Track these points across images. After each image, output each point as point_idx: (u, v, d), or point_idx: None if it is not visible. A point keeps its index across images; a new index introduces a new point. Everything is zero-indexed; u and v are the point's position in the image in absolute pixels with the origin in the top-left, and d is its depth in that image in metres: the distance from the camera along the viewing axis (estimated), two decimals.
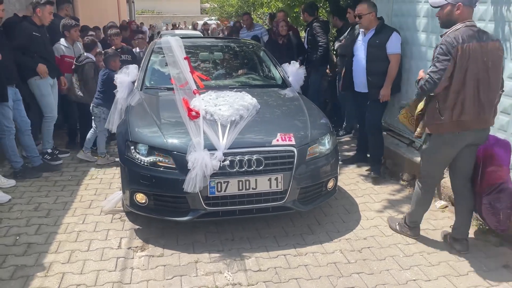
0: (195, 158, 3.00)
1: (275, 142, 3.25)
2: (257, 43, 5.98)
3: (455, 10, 2.80)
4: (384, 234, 3.47)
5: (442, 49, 2.78)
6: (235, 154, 3.13)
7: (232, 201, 3.16)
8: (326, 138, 3.54)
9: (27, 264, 2.99)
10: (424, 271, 2.98)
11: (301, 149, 3.29)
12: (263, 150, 3.20)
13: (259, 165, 3.14)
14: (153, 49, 4.88)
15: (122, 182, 3.38)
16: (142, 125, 3.44)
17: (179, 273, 2.92)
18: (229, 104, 3.52)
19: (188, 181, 3.00)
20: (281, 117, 3.74)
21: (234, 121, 3.37)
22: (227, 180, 3.09)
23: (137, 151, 3.23)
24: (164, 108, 3.80)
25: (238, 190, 3.12)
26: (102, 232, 3.44)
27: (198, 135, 3.18)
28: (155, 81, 4.51)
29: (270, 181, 3.16)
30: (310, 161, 3.34)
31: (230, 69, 5.09)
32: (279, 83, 4.74)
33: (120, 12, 16.35)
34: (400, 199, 4.15)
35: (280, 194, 3.23)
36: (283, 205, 3.26)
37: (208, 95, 3.77)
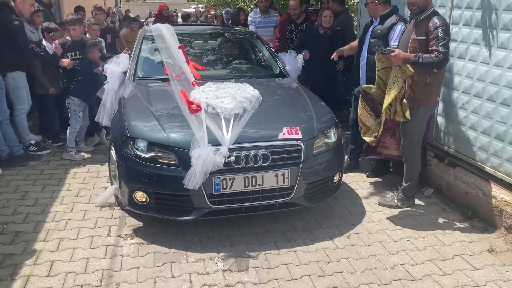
0: (199, 154, 2.84)
1: (281, 136, 3.10)
2: (252, 31, 5.77)
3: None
4: (371, 220, 3.49)
5: (443, 29, 3.15)
6: (241, 149, 2.98)
7: (237, 198, 3.02)
8: (332, 131, 3.41)
9: (15, 252, 2.96)
10: (411, 255, 3.02)
11: (308, 143, 3.16)
12: (270, 145, 3.05)
13: (265, 160, 3.00)
14: (144, 37, 4.64)
15: (119, 179, 3.19)
16: (140, 119, 3.25)
17: (169, 260, 2.90)
18: (231, 96, 3.35)
19: (189, 177, 2.85)
20: (285, 109, 3.60)
21: (237, 114, 3.21)
22: (232, 177, 2.94)
23: (135, 147, 3.05)
24: (161, 101, 3.60)
25: (244, 187, 2.98)
26: (91, 221, 3.41)
27: (201, 129, 3.01)
28: (148, 72, 4.30)
29: (277, 176, 3.03)
30: (317, 155, 3.21)
31: (225, 58, 4.90)
32: (277, 73, 4.58)
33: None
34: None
35: (287, 190, 3.10)
36: (290, 201, 3.14)
37: (207, 86, 3.59)
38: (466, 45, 3.63)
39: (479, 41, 3.50)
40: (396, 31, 3.87)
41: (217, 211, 3.03)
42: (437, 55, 3.13)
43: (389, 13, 3.99)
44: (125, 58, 4.41)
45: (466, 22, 3.63)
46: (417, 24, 3.33)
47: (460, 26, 3.67)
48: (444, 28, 3.15)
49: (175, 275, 2.75)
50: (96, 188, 4.03)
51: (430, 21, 3.22)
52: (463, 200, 3.68)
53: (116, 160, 3.19)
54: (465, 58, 3.65)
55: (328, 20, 5.17)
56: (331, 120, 3.51)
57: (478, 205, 3.51)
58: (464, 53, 3.66)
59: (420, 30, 3.27)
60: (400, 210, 3.66)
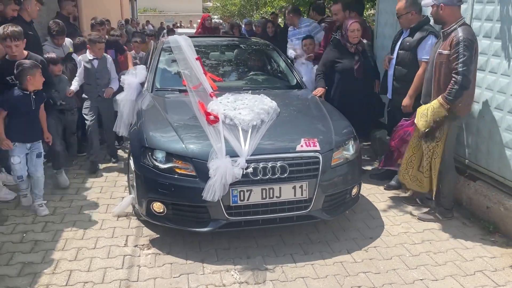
0: (217, 166, 2.84)
1: (299, 148, 3.09)
2: (268, 42, 5.80)
3: (439, 9, 3.29)
4: (390, 233, 3.44)
5: (465, 45, 3.14)
6: (258, 161, 2.98)
7: (255, 210, 3.01)
8: (350, 143, 3.39)
9: (34, 261, 2.99)
10: (431, 270, 2.96)
11: (326, 155, 3.14)
12: (287, 157, 3.04)
13: (283, 172, 2.99)
14: (162, 49, 4.70)
15: (137, 190, 3.21)
16: (158, 130, 3.27)
17: (186, 271, 2.90)
18: (249, 108, 3.36)
19: (208, 189, 2.85)
20: (302, 121, 3.59)
21: (255, 125, 3.21)
22: (250, 189, 2.94)
23: (154, 158, 3.07)
24: (179, 112, 3.63)
25: (262, 198, 2.97)
26: (108, 230, 3.44)
27: (219, 140, 3.02)
28: (166, 83, 4.34)
29: (294, 189, 3.01)
30: (335, 167, 3.18)
31: (242, 69, 4.93)
32: (293, 84, 4.58)
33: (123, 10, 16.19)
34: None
35: (305, 203, 3.07)
36: (308, 214, 3.11)
37: (225, 98, 3.61)
38: (486, 57, 3.59)
39: (499, 53, 3.45)
40: (427, 45, 3.80)
41: (234, 223, 3.02)
42: (455, 80, 3.16)
43: (419, 25, 3.90)
44: (142, 69, 4.47)
45: (486, 34, 3.59)
46: (444, 37, 3.32)
47: (480, 38, 3.62)
48: (465, 44, 3.12)
49: (192, 286, 2.74)
50: (113, 198, 4.06)
51: (454, 34, 3.20)
52: (484, 214, 3.60)
53: (134, 171, 3.22)
54: (485, 70, 3.60)
55: (356, 35, 4.41)
56: (349, 133, 3.48)
57: (499, 219, 3.43)
58: (484, 65, 3.61)
59: (446, 44, 3.26)
60: (419, 224, 3.60)
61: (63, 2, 6.04)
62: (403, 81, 3.99)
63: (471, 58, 3.15)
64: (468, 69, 3.14)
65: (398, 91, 4.08)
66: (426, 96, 3.53)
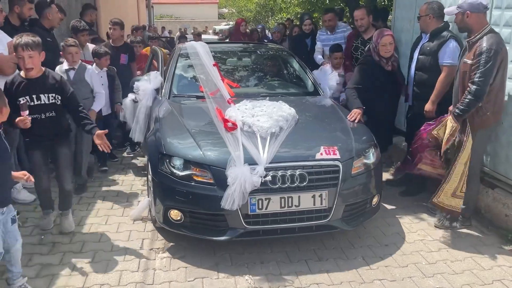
0: (235, 174, 2.80)
1: (319, 156, 3.03)
2: (283, 48, 5.75)
3: (465, 17, 3.20)
4: (406, 241, 3.39)
5: (487, 55, 3.05)
6: (277, 169, 2.92)
7: (273, 219, 2.95)
8: (370, 151, 3.31)
9: (52, 263, 3.02)
10: (448, 279, 2.91)
11: (347, 163, 3.07)
12: (307, 165, 2.98)
13: (302, 180, 2.93)
14: (179, 55, 4.70)
15: (154, 197, 3.19)
16: (176, 136, 3.25)
17: (201, 275, 2.90)
18: (267, 115, 3.31)
19: (226, 198, 2.81)
20: (321, 128, 3.53)
21: (274, 133, 3.16)
22: (268, 197, 2.88)
23: (171, 165, 3.04)
24: (197, 118, 3.61)
25: (280, 207, 2.91)
26: (124, 233, 3.46)
27: (237, 148, 2.98)
28: (183, 89, 4.32)
29: (314, 198, 2.95)
30: (355, 176, 3.11)
31: (259, 75, 4.89)
32: (311, 91, 4.52)
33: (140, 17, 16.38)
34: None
35: (324, 212, 3.01)
36: (328, 224, 3.04)
37: (243, 104, 3.57)
38: None
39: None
40: (448, 49, 3.73)
41: (252, 232, 2.97)
42: (469, 89, 3.11)
43: (439, 30, 3.83)
44: (157, 75, 4.46)
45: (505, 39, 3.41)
46: (469, 47, 3.24)
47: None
48: (488, 54, 3.04)
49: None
50: (129, 201, 4.09)
51: (479, 44, 3.12)
52: (502, 222, 3.50)
53: (152, 178, 3.20)
54: None
55: (389, 50, 3.93)
56: (370, 140, 3.41)
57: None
58: None
59: (470, 53, 3.19)
60: (436, 231, 3.55)
61: (87, 10, 6.15)
62: (424, 87, 3.91)
63: (492, 69, 3.07)
64: (485, 81, 3.07)
65: (419, 96, 3.99)
66: (456, 104, 3.42)
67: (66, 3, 6.74)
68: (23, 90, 3.08)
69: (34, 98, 3.12)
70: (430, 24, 3.88)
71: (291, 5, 14.87)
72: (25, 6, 4.22)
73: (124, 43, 5.81)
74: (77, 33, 5.03)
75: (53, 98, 3.18)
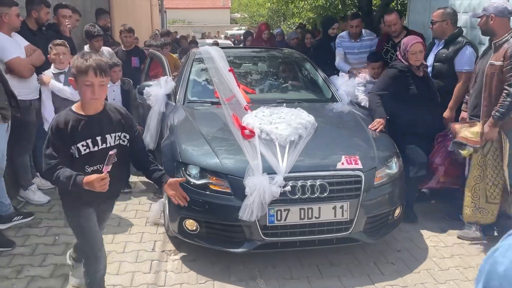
0: (253, 184, 2.70)
1: (340, 165, 2.91)
2: (300, 53, 5.63)
3: (489, 20, 3.16)
4: (418, 246, 3.35)
5: None
6: (297, 178, 2.82)
7: (292, 231, 2.84)
8: (393, 160, 3.19)
9: (66, 263, 2.97)
10: (461, 286, 2.86)
11: (369, 174, 2.95)
12: (327, 175, 2.87)
13: (323, 191, 2.82)
14: (194, 59, 4.62)
15: (169, 206, 3.10)
16: (192, 144, 3.16)
17: (212, 277, 2.90)
18: (286, 122, 3.21)
19: (244, 208, 2.71)
20: (341, 136, 3.42)
21: (293, 141, 3.05)
22: (287, 208, 2.78)
23: (187, 173, 2.95)
24: (213, 125, 3.52)
25: (300, 219, 2.80)
26: (137, 235, 3.49)
27: (256, 157, 2.88)
28: (198, 94, 4.24)
29: (334, 209, 2.83)
30: (378, 187, 2.99)
31: (275, 81, 4.79)
32: (328, 97, 4.40)
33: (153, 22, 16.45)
34: None
35: (345, 224, 2.89)
36: (349, 237, 2.92)
37: (260, 111, 3.47)
38: None
39: None
40: (465, 55, 3.66)
41: (270, 244, 2.86)
42: (507, 92, 3.03)
43: (454, 36, 3.76)
44: (168, 80, 4.37)
45: None
46: (495, 48, 3.16)
47: None
48: None
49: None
50: (142, 204, 4.07)
51: (508, 45, 3.05)
52: None
53: None
54: None
55: (419, 58, 3.58)
56: (392, 149, 3.28)
57: None
58: None
59: (498, 55, 3.11)
60: (449, 237, 3.49)
61: (101, 14, 6.14)
62: (441, 94, 3.78)
63: None
64: None
65: None
66: (475, 108, 3.38)
67: (81, 7, 6.74)
68: (83, 132, 2.16)
69: (98, 141, 2.20)
70: (447, 30, 3.80)
71: (303, 10, 14.82)
72: (42, 10, 4.22)
73: (134, 47, 5.78)
74: (91, 38, 4.97)
75: (118, 138, 2.28)
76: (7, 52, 3.55)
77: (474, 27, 4.36)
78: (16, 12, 3.63)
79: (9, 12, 3.55)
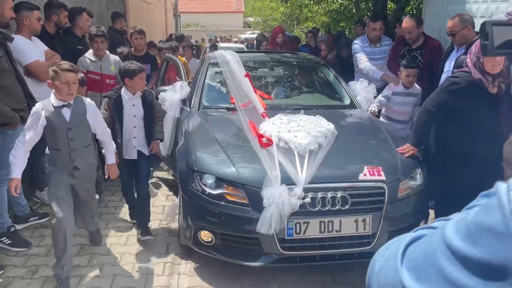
0: (272, 195, 2.58)
1: (362, 176, 2.78)
2: (317, 58, 5.51)
3: None
4: None
5: None
6: (317, 190, 2.69)
7: (311, 245, 2.72)
8: (417, 172, 3.04)
9: (80, 264, 3.08)
10: None
11: (392, 185, 2.81)
12: (349, 186, 2.74)
13: (344, 203, 2.69)
14: (209, 64, 4.53)
15: (183, 215, 3.00)
16: (208, 152, 3.06)
17: (225, 282, 2.89)
18: (305, 130, 3.09)
19: (262, 221, 2.59)
20: (363, 145, 3.28)
21: (312, 150, 2.93)
22: (307, 221, 2.65)
23: (203, 182, 2.85)
24: (229, 132, 3.42)
25: (320, 232, 2.68)
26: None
27: (274, 167, 2.76)
28: (213, 100, 4.15)
29: (356, 222, 2.70)
30: (401, 199, 2.85)
31: (292, 87, 4.68)
32: (347, 103, 4.27)
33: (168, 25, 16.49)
34: None
35: (368, 238, 2.75)
36: (371, 251, 2.78)
37: (278, 118, 3.36)
38: None
39: None
40: None
41: (289, 258, 2.75)
42: None
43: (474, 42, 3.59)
44: (184, 85, 4.29)
45: None
46: None
47: None
48: None
49: None
50: (155, 206, 4.05)
51: None
52: None
53: (181, 195, 3.01)
54: None
55: (498, 62, 2.72)
56: (416, 159, 3.14)
57: None
58: None
59: None
60: None
61: (116, 18, 6.13)
62: None
63: None
64: None
65: None
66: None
67: (98, 11, 6.73)
68: None
69: None
70: (468, 35, 3.61)
71: (317, 14, 14.69)
72: (62, 14, 4.23)
73: (146, 52, 5.44)
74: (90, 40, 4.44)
75: None
76: (27, 56, 3.55)
77: None
78: (37, 16, 3.63)
79: (31, 15, 3.56)
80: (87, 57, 4.39)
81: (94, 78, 4.34)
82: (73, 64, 2.81)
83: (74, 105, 2.73)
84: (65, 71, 2.61)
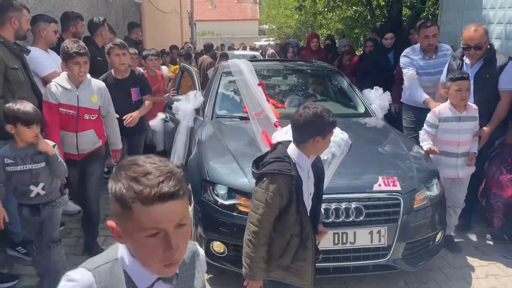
0: None
1: (377, 187, 2.73)
2: (331, 66, 5.47)
3: None
4: (451, 266, 3.23)
5: None
6: (330, 201, 2.65)
7: (325, 257, 2.66)
8: (434, 182, 2.97)
9: None
10: None
11: (408, 196, 2.75)
12: (363, 197, 2.69)
13: (358, 215, 2.64)
14: (222, 73, 4.54)
15: (196, 225, 2.99)
16: (220, 162, 3.05)
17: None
18: None
19: None
20: (378, 154, 3.23)
21: (325, 160, 2.89)
22: None
23: (215, 193, 2.83)
24: (242, 141, 3.41)
25: (334, 244, 2.63)
26: None
27: None
28: (226, 109, 4.15)
29: (371, 234, 2.65)
30: (418, 210, 2.78)
31: (305, 95, 4.65)
32: (362, 112, 4.22)
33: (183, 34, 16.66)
34: None
35: (383, 250, 2.70)
36: (387, 264, 2.72)
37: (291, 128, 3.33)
38: None
39: None
40: (510, 71, 3.33)
41: None
42: None
43: (493, 53, 3.42)
44: (197, 94, 4.30)
45: None
46: None
47: None
48: None
49: None
50: None
51: None
52: None
53: (193, 205, 3.00)
54: None
55: None
56: (432, 169, 3.07)
57: None
58: None
59: None
60: (484, 256, 3.33)
61: (132, 28, 6.20)
62: (486, 117, 3.38)
63: None
64: None
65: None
66: None
67: (114, 21, 6.84)
68: None
69: None
70: (486, 47, 3.39)
71: (331, 21, 14.66)
72: (79, 24, 4.30)
73: (130, 72, 3.94)
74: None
75: None
76: (44, 67, 3.59)
77: (509, 38, 4.11)
78: (55, 29, 3.70)
79: (48, 27, 3.62)
80: (58, 83, 3.01)
81: (67, 112, 3.04)
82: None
83: None
84: None
